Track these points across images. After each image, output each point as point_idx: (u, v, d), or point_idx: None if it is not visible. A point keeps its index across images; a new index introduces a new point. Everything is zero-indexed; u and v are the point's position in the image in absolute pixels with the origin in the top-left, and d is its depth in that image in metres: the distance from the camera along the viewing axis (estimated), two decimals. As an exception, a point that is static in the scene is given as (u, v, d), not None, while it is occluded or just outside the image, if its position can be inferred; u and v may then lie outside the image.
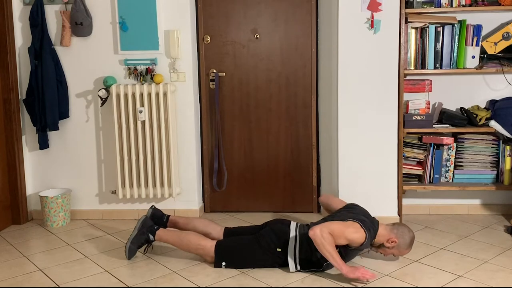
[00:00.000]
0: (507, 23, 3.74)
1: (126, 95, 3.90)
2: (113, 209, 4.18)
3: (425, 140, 3.84)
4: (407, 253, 3.17)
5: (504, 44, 3.69)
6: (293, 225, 3.17)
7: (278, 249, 3.07)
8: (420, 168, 3.87)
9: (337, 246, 2.92)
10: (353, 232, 2.92)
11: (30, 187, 4.21)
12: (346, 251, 3.03)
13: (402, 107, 3.72)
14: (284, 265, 3.08)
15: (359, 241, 2.95)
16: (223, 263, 3.13)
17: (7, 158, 4.04)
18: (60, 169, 4.17)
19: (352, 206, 3.26)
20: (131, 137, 3.95)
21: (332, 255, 2.85)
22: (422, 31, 3.72)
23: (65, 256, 3.42)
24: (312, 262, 3.03)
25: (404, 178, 3.84)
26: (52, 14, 3.99)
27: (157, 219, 3.43)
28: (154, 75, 3.95)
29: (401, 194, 3.80)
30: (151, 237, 3.28)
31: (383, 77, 3.69)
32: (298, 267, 3.05)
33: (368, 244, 3.03)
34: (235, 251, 3.14)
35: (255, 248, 3.10)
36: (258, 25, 4.09)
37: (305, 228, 3.15)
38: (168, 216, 3.49)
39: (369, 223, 3.03)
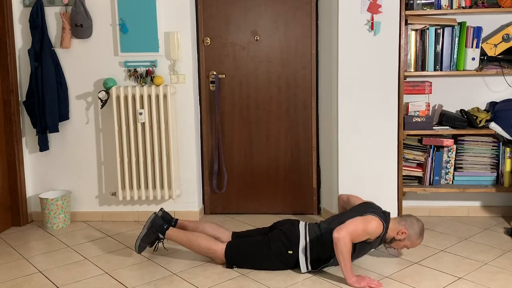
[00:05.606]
0: (507, 25, 3.74)
1: (126, 97, 3.90)
2: (113, 211, 4.18)
3: (425, 142, 3.84)
4: (419, 243, 3.18)
5: (504, 46, 3.69)
6: (301, 225, 3.16)
7: (290, 252, 3.06)
8: (420, 170, 3.86)
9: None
10: (373, 226, 2.96)
11: (30, 189, 4.21)
12: (362, 246, 3.03)
13: (402, 109, 3.72)
14: (296, 267, 3.09)
15: (378, 232, 2.99)
16: (234, 267, 3.15)
17: (7, 160, 4.04)
18: (60, 171, 4.17)
19: (369, 202, 3.29)
20: (131, 139, 3.95)
21: (345, 263, 2.86)
22: (422, 33, 3.72)
23: (65, 258, 3.42)
24: (323, 260, 3.04)
25: (404, 180, 3.84)
26: (52, 16, 3.99)
27: (166, 222, 3.40)
28: (154, 77, 3.95)
29: (401, 196, 3.80)
30: (160, 236, 3.28)
31: (383, 79, 3.69)
32: (310, 268, 3.06)
33: (384, 238, 3.06)
34: (245, 256, 3.14)
35: (265, 252, 3.09)
36: (258, 27, 4.09)
37: (314, 227, 3.13)
38: (177, 219, 3.48)
39: (384, 217, 3.07)
